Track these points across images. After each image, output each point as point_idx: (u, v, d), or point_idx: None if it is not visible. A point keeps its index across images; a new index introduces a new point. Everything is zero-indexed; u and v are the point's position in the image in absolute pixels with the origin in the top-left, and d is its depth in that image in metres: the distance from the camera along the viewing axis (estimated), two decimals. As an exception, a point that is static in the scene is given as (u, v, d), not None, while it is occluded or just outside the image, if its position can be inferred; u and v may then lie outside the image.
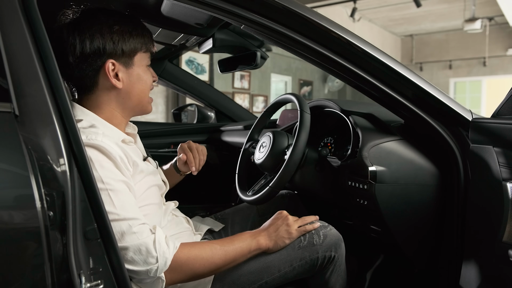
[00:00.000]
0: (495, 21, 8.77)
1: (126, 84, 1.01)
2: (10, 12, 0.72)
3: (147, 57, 1.05)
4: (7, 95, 0.68)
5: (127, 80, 1.01)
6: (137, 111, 1.08)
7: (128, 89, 1.02)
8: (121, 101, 1.03)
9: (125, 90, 1.02)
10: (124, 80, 1.00)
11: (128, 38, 0.99)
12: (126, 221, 0.88)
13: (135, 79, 1.02)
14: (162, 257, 0.89)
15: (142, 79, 1.03)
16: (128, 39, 0.99)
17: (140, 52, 1.02)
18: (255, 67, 1.61)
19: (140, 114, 1.09)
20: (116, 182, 0.90)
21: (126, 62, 1.00)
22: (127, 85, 1.01)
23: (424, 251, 1.19)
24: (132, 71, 1.01)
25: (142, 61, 1.03)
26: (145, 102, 1.07)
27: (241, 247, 1.03)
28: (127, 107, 1.05)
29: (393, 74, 1.04)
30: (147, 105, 1.08)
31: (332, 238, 1.12)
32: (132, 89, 1.03)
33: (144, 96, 1.06)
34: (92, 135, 0.91)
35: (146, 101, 1.07)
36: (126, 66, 1.00)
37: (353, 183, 1.17)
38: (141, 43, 1.02)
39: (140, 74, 1.03)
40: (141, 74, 1.03)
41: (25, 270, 0.67)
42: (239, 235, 1.06)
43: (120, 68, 0.99)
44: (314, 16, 0.98)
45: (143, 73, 1.04)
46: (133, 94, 1.03)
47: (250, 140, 1.48)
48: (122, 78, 1.00)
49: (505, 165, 0.97)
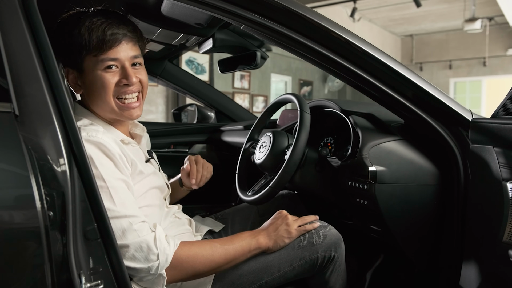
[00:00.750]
0: (495, 21, 8.77)
1: (85, 90, 1.02)
2: (10, 12, 0.72)
3: (100, 61, 0.97)
4: (7, 95, 0.68)
5: (83, 86, 1.01)
6: (116, 115, 1.03)
7: (88, 95, 1.02)
8: (93, 106, 1.03)
9: (87, 96, 1.02)
10: (82, 86, 1.01)
11: (71, 45, 0.96)
12: (126, 219, 0.88)
13: (89, 84, 1.00)
14: (163, 254, 0.89)
15: (96, 84, 0.98)
16: (70, 46, 0.96)
17: (88, 56, 0.97)
18: (255, 67, 1.61)
19: (121, 118, 1.04)
20: (116, 179, 0.90)
21: (78, 69, 1.00)
22: (86, 91, 1.02)
23: (424, 251, 1.19)
24: (85, 77, 1.00)
25: (95, 66, 0.97)
26: (110, 107, 1.00)
27: (241, 246, 1.03)
28: (101, 112, 1.03)
29: (393, 74, 1.04)
30: (118, 109, 1.01)
31: (332, 238, 1.12)
32: (91, 95, 1.01)
33: (104, 101, 0.99)
34: (92, 132, 0.92)
35: (111, 106, 1.00)
36: (79, 72, 1.00)
37: (353, 183, 1.17)
38: (80, 49, 0.96)
39: (94, 78, 0.98)
40: (94, 79, 0.98)
41: (25, 270, 0.67)
42: (239, 235, 1.06)
43: (76, 74, 1.01)
44: (314, 16, 0.98)
45: (98, 78, 0.97)
46: (93, 100, 1.01)
47: (250, 140, 1.48)
48: (80, 84, 1.01)
49: (505, 165, 0.97)
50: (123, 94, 1.01)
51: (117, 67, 0.99)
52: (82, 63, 0.98)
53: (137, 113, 1.04)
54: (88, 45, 0.95)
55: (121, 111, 1.01)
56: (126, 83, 1.00)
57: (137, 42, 1.03)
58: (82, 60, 0.97)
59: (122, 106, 1.01)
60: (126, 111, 1.02)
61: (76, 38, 0.95)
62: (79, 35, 0.95)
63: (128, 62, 1.00)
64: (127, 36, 1.00)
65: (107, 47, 0.96)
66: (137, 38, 1.03)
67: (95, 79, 0.98)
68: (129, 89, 1.01)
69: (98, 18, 0.97)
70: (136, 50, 1.02)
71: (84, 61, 0.97)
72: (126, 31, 0.99)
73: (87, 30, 0.95)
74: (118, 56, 0.98)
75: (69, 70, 1.01)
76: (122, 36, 0.98)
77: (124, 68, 0.99)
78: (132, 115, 1.03)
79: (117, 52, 0.98)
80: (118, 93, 1.00)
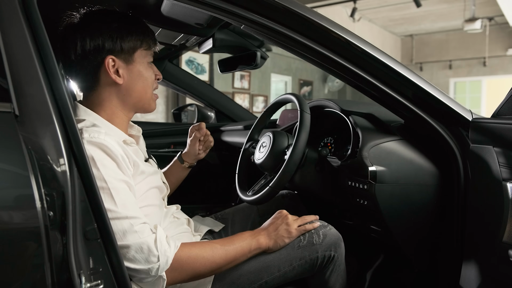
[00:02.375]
0: (495, 21, 8.77)
1: (126, 80, 1.02)
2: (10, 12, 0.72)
3: (148, 55, 1.06)
4: (7, 95, 0.68)
5: (128, 77, 1.02)
6: (139, 108, 1.08)
7: (129, 86, 1.03)
8: (122, 98, 1.04)
9: (125, 86, 1.03)
10: (124, 76, 1.02)
11: (127, 35, 1.00)
12: (127, 220, 0.88)
13: (136, 75, 1.03)
14: (164, 256, 0.89)
15: (143, 76, 1.04)
16: (126, 36, 1.00)
17: (140, 49, 1.03)
18: (255, 67, 1.61)
19: (143, 111, 1.10)
20: (117, 181, 0.90)
21: (126, 59, 1.01)
22: (127, 81, 1.02)
23: (424, 251, 1.19)
24: (133, 68, 1.03)
25: (143, 58, 1.04)
26: (147, 99, 1.07)
27: (242, 246, 1.03)
28: (128, 104, 1.05)
29: (393, 74, 1.04)
30: (150, 102, 1.09)
31: (332, 238, 1.12)
32: (133, 86, 1.04)
33: (145, 93, 1.06)
34: (95, 133, 0.92)
35: (147, 98, 1.07)
36: (126, 62, 1.01)
37: (353, 183, 1.17)
38: (141, 40, 1.03)
39: (141, 70, 1.04)
40: (142, 71, 1.04)
41: (25, 270, 0.67)
42: (239, 235, 1.06)
43: (120, 65, 1.01)
44: (314, 16, 0.98)
45: (144, 70, 1.04)
46: (134, 91, 1.04)
47: (250, 140, 1.48)
48: (122, 74, 1.01)
49: (505, 165, 0.97)
50: (155, 88, 1.10)
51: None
52: (133, 53, 1.02)
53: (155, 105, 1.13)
54: (148, 37, 1.04)
55: (150, 103, 1.09)
56: (159, 78, 1.10)
57: None
58: (135, 50, 1.02)
59: (153, 98, 1.10)
60: (153, 103, 1.10)
61: (136, 28, 1.03)
62: (139, 24, 1.04)
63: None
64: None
65: (155, 43, 1.08)
66: None
67: (143, 70, 1.04)
68: (158, 84, 1.12)
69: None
70: None
71: (136, 52, 1.03)
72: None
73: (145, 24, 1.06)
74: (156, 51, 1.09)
75: (115, 59, 1.00)
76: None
77: (153, 65, 1.08)
78: (155, 107, 1.11)
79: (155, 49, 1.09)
80: (153, 87, 1.09)
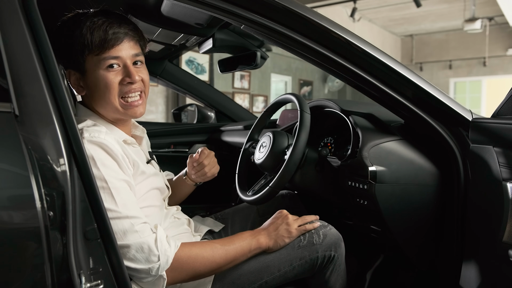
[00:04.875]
0: (495, 21, 8.77)
1: (88, 90, 1.01)
2: (10, 12, 0.72)
3: (103, 60, 0.97)
4: (7, 95, 0.68)
5: (87, 87, 1.01)
6: (120, 115, 1.03)
7: (92, 95, 1.01)
8: (96, 106, 1.02)
9: (90, 97, 1.02)
10: (85, 87, 1.01)
11: (69, 49, 0.96)
12: (128, 219, 0.88)
13: (92, 85, 0.99)
14: (164, 255, 0.89)
15: (99, 84, 0.98)
16: (69, 50, 0.96)
17: (89, 56, 0.96)
18: (255, 67, 1.61)
19: (124, 117, 1.04)
20: (118, 180, 0.90)
21: (79, 70, 0.99)
22: (89, 92, 1.01)
23: (424, 251, 1.19)
24: (87, 78, 0.99)
25: (97, 65, 0.97)
26: (114, 107, 1.00)
27: (242, 246, 1.03)
28: (105, 112, 1.03)
29: (393, 74, 1.04)
30: (121, 109, 1.01)
31: (332, 238, 1.12)
32: (94, 95, 1.00)
33: (108, 101, 0.99)
34: (95, 133, 0.92)
35: (115, 106, 1.00)
36: (81, 73, 0.99)
37: (353, 183, 1.17)
38: (82, 50, 0.96)
39: (96, 79, 0.98)
40: (96, 80, 0.98)
41: (25, 270, 0.67)
42: (239, 235, 1.06)
43: (78, 76, 1.00)
44: (314, 16, 0.98)
45: (99, 78, 0.97)
46: (96, 99, 1.01)
47: (250, 140, 1.48)
48: (83, 85, 1.01)
49: (505, 165, 0.97)
50: (127, 94, 1.00)
51: (119, 65, 0.99)
52: (84, 63, 0.97)
53: (141, 111, 1.04)
54: (90, 44, 0.95)
55: (125, 110, 1.01)
56: (129, 81, 0.99)
57: (138, 41, 1.03)
58: (84, 60, 0.97)
59: (125, 105, 1.01)
60: (130, 109, 1.02)
61: (77, 39, 0.95)
62: (80, 35, 0.95)
63: (129, 60, 1.00)
64: (129, 35, 1.00)
65: (109, 45, 0.96)
66: (138, 37, 1.03)
67: (98, 79, 0.98)
68: (132, 88, 1.00)
69: (99, 18, 0.97)
70: (137, 48, 1.02)
71: (86, 61, 0.97)
72: (127, 30, 1.00)
73: (88, 30, 0.95)
74: (120, 54, 0.98)
75: (71, 71, 1.00)
76: (124, 34, 0.98)
77: (126, 67, 0.99)
78: (136, 113, 1.03)
79: (119, 51, 0.98)
80: (122, 93, 1.00)
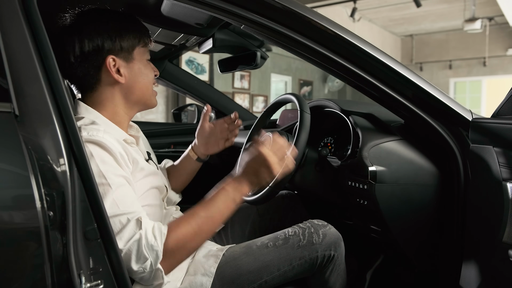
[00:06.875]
0: (495, 21, 8.77)
1: (128, 78, 1.03)
2: (10, 12, 0.72)
3: (146, 52, 1.07)
4: (7, 95, 0.68)
5: (129, 75, 1.03)
6: (141, 105, 1.09)
7: (131, 83, 1.04)
8: (124, 96, 1.04)
9: (127, 84, 1.03)
10: (126, 75, 1.02)
11: (125, 34, 1.01)
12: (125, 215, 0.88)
13: (137, 73, 1.04)
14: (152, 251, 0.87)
15: (144, 73, 1.05)
16: (125, 35, 1.01)
17: (138, 47, 1.04)
18: (255, 67, 1.61)
19: (145, 108, 1.10)
20: (116, 176, 0.90)
21: (126, 57, 1.02)
22: (129, 79, 1.03)
23: (424, 251, 1.19)
24: (133, 66, 1.03)
25: (142, 56, 1.05)
26: (149, 95, 1.08)
27: (226, 204, 0.98)
28: (130, 102, 1.06)
29: (393, 74, 1.04)
30: (151, 98, 1.10)
31: (332, 237, 1.12)
32: (135, 83, 1.04)
33: (146, 89, 1.07)
34: (93, 131, 0.92)
35: (149, 94, 1.09)
36: (126, 61, 1.02)
37: (353, 183, 1.17)
38: (138, 38, 1.03)
39: (141, 68, 1.05)
40: (142, 68, 1.05)
41: (25, 270, 0.67)
42: (221, 192, 0.99)
43: (121, 63, 1.01)
44: (314, 16, 0.98)
45: (144, 67, 1.06)
46: (136, 88, 1.05)
47: (250, 140, 1.48)
48: (124, 73, 1.02)
49: (505, 165, 0.97)
50: (154, 84, 1.11)
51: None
52: (132, 51, 1.03)
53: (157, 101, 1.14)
54: (144, 34, 1.04)
55: (152, 99, 1.10)
56: (156, 74, 1.10)
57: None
58: (134, 49, 1.03)
59: (154, 94, 1.10)
60: (154, 99, 1.11)
61: (132, 27, 1.03)
62: (135, 23, 1.04)
63: None
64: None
65: (150, 41, 1.09)
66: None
67: (143, 68, 1.05)
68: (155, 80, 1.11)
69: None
70: None
71: (135, 49, 1.03)
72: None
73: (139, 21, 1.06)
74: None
75: (115, 58, 1.00)
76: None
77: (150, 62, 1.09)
78: (156, 102, 1.12)
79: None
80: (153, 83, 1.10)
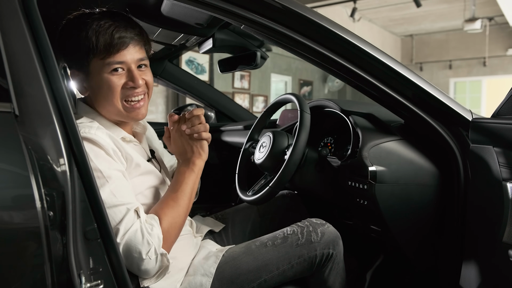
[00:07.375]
0: (495, 21, 8.77)
1: (91, 91, 1.02)
2: (10, 12, 0.72)
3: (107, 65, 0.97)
4: (7, 95, 0.68)
5: (90, 88, 1.01)
6: (122, 118, 1.04)
7: (95, 97, 1.02)
8: (99, 108, 1.03)
9: (93, 98, 1.02)
10: (88, 88, 1.02)
11: (75, 51, 0.98)
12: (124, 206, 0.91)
13: (96, 87, 1.00)
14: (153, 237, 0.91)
15: (103, 87, 0.98)
16: (77, 49, 0.97)
17: (94, 60, 0.97)
18: (255, 67, 1.61)
19: (127, 120, 1.05)
20: (111, 170, 0.92)
21: (84, 71, 1.00)
22: (92, 92, 1.02)
23: (424, 251, 1.19)
24: (91, 80, 1.00)
25: (100, 69, 0.97)
26: (117, 110, 1.01)
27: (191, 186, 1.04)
28: (106, 113, 1.03)
29: (393, 74, 1.04)
30: (124, 112, 1.01)
31: (330, 236, 1.12)
32: (98, 97, 1.01)
33: (111, 104, 1.00)
34: (86, 128, 0.93)
35: (117, 109, 1.01)
36: (85, 74, 1.00)
37: (353, 183, 1.17)
38: (87, 53, 0.96)
39: (99, 82, 0.98)
40: (99, 82, 0.98)
41: (25, 270, 0.67)
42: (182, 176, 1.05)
43: (81, 77, 1.01)
44: (314, 16, 0.98)
45: (105, 80, 0.98)
46: (100, 102, 1.02)
47: (250, 140, 1.48)
48: (87, 86, 1.02)
49: (505, 165, 0.97)
50: (130, 97, 1.01)
51: (123, 69, 0.99)
52: (88, 66, 0.98)
53: (143, 113, 1.05)
54: (95, 48, 0.95)
55: (128, 113, 1.02)
56: (132, 86, 1.00)
57: (143, 45, 1.04)
58: (88, 63, 0.98)
59: (128, 108, 1.02)
60: (133, 112, 1.02)
61: (83, 41, 0.95)
62: (86, 38, 0.95)
63: (134, 65, 1.00)
64: (134, 39, 1.00)
65: (115, 50, 0.97)
66: (143, 41, 1.04)
67: (101, 82, 0.98)
68: (136, 92, 1.01)
69: (105, 21, 0.97)
70: (142, 53, 1.03)
71: (91, 64, 0.98)
72: (133, 34, 1.00)
73: (94, 33, 0.95)
74: (124, 59, 0.98)
75: (75, 72, 1.01)
76: (130, 39, 0.99)
77: (130, 71, 1.00)
78: (138, 115, 1.03)
79: (124, 56, 0.98)
80: (125, 96, 1.01)
